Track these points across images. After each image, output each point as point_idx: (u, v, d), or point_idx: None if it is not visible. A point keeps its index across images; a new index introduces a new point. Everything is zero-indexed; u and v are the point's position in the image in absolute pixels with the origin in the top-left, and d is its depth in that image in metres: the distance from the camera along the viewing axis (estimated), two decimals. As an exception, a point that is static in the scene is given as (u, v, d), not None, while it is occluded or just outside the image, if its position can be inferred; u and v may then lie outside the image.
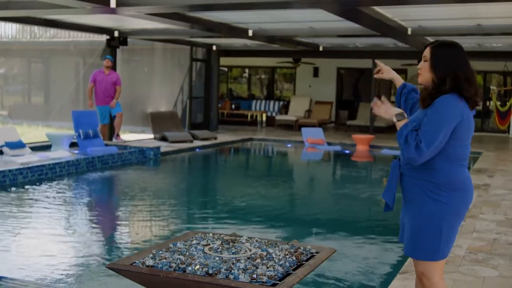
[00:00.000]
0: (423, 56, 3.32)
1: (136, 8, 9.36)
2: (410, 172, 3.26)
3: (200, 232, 3.90)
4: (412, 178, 3.26)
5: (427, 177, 3.20)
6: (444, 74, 3.19)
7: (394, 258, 6.08)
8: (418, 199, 3.24)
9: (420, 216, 3.23)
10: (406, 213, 3.34)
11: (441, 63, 3.23)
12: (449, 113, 3.11)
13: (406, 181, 3.30)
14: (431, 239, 3.21)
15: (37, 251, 5.99)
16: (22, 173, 9.42)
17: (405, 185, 3.32)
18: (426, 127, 3.11)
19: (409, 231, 3.29)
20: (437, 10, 9.81)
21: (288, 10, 10.28)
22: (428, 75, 3.27)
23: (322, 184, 11.78)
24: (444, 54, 3.24)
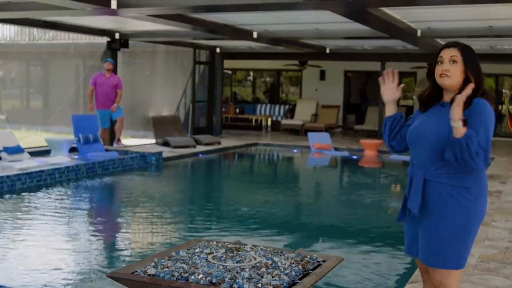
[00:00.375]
0: (450, 57, 3.24)
1: (138, 9, 9.39)
2: (439, 178, 3.21)
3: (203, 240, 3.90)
4: (440, 184, 3.21)
5: (458, 182, 3.17)
6: (477, 73, 3.22)
7: (403, 267, 6.07)
8: (444, 205, 3.19)
9: (448, 222, 3.18)
10: (426, 221, 3.26)
11: (475, 64, 3.24)
12: (492, 115, 3.14)
13: (432, 188, 3.24)
14: (457, 246, 3.19)
15: (36, 259, 6.00)
16: (20, 179, 9.44)
17: (430, 191, 3.24)
18: (480, 134, 3.04)
19: (432, 240, 3.23)
20: (447, 11, 9.80)
21: (294, 11, 10.29)
22: (459, 77, 3.22)
23: (329, 190, 11.77)
24: (474, 57, 3.26)
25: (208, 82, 19.47)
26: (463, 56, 3.23)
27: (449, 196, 3.18)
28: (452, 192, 3.18)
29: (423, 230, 3.28)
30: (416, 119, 3.43)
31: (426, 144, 3.24)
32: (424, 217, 3.28)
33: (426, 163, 3.26)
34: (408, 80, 23.25)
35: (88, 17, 11.72)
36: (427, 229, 3.26)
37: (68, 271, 5.66)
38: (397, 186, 11.97)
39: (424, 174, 3.26)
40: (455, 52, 3.24)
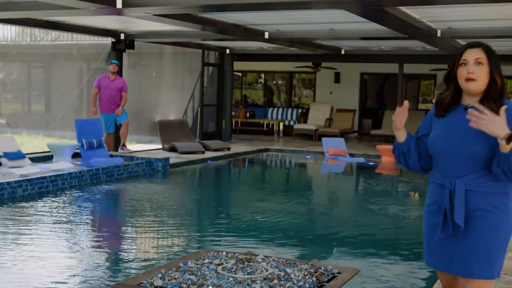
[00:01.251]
0: (475, 59, 3.19)
1: (144, 8, 9.42)
2: (480, 187, 3.18)
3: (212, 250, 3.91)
4: (482, 193, 3.18)
5: (500, 189, 3.16)
6: (501, 75, 3.20)
7: (422, 280, 6.05)
8: (488, 214, 3.17)
9: (493, 232, 3.17)
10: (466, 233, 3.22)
11: (498, 65, 3.22)
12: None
13: (473, 197, 3.20)
14: (498, 255, 3.18)
15: (37, 270, 6.02)
16: (21, 185, 9.48)
17: (472, 201, 3.20)
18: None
19: (475, 250, 3.20)
20: (469, 10, 9.78)
21: (307, 10, 10.30)
22: (485, 80, 3.19)
23: (344, 198, 11.75)
24: (495, 55, 3.22)
25: (217, 84, 19.49)
26: (488, 57, 3.19)
27: (490, 204, 3.17)
28: (493, 200, 3.17)
29: (467, 242, 3.23)
30: (435, 126, 3.38)
31: (460, 154, 3.20)
32: (467, 228, 3.22)
33: (464, 173, 3.20)
34: (427, 82, 23.20)
35: (92, 17, 11.77)
36: (473, 241, 3.21)
37: (71, 282, 5.68)
38: (415, 194, 11.94)
39: (465, 185, 3.20)
40: (480, 53, 3.20)
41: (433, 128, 3.38)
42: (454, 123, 3.27)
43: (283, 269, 3.48)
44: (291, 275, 3.40)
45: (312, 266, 3.62)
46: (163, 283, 3.26)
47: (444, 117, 3.34)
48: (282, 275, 3.39)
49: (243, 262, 3.59)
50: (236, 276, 3.35)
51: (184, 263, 3.59)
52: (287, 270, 3.48)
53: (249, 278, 3.32)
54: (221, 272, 3.42)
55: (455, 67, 3.26)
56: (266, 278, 3.33)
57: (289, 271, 3.47)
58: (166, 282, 3.28)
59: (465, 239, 3.23)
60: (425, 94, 23.66)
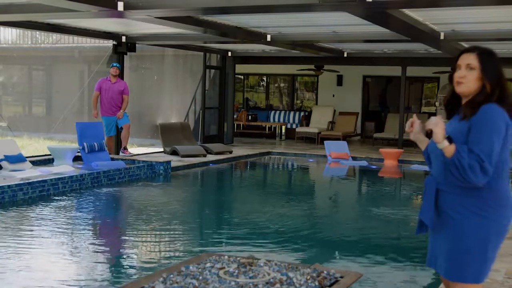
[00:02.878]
0: (466, 64, 3.29)
1: (146, 11, 9.44)
2: (453, 189, 3.25)
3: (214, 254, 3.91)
4: (454, 195, 3.25)
5: (474, 192, 3.20)
6: (496, 82, 3.24)
7: (426, 283, 6.05)
8: (461, 217, 3.23)
9: (464, 234, 3.22)
10: (443, 233, 3.31)
11: (493, 72, 3.26)
12: (499, 122, 3.15)
13: (447, 199, 3.29)
14: (477, 260, 3.22)
15: (38, 274, 6.02)
16: (22, 189, 9.49)
17: (445, 203, 3.29)
18: (482, 143, 3.11)
19: (450, 252, 3.28)
20: (472, 13, 9.78)
21: (309, 13, 10.31)
22: (475, 84, 3.27)
23: (347, 202, 11.75)
24: (493, 62, 3.29)
25: (219, 87, 19.51)
26: (481, 62, 3.27)
27: (465, 208, 3.23)
28: (468, 203, 3.22)
29: (442, 242, 3.33)
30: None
31: (438, 154, 3.27)
32: (442, 228, 3.32)
33: (439, 173, 3.32)
34: (430, 85, 23.21)
35: (94, 19, 11.79)
36: (445, 241, 3.31)
37: (72, 286, 5.68)
38: (418, 198, 11.93)
39: (437, 184, 3.31)
40: (472, 59, 3.29)
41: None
42: (450, 125, 3.37)
43: (285, 273, 3.48)
44: (293, 279, 3.40)
45: (314, 270, 3.62)
46: (164, 287, 3.26)
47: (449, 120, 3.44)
48: (284, 279, 3.39)
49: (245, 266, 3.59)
50: (238, 280, 3.35)
51: (186, 267, 3.59)
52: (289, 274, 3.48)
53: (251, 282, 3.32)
54: (223, 276, 3.42)
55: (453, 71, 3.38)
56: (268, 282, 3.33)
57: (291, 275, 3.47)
58: (168, 286, 3.28)
59: (444, 240, 3.32)
60: (428, 97, 23.66)
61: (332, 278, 3.55)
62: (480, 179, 3.09)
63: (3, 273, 6.00)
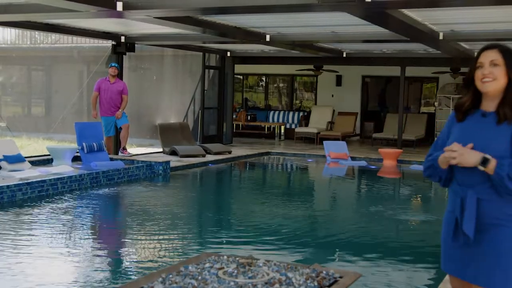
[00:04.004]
0: (490, 61, 3.18)
1: (145, 11, 9.44)
2: (493, 196, 3.14)
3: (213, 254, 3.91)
4: (495, 202, 3.15)
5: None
6: None
7: (425, 285, 6.05)
8: (504, 223, 3.14)
9: (502, 241, 3.14)
10: (483, 241, 3.20)
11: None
12: None
13: (487, 207, 3.16)
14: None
15: (37, 274, 6.02)
16: (21, 189, 9.48)
17: (486, 211, 3.17)
18: None
19: (491, 259, 3.17)
20: (471, 13, 9.79)
21: (308, 13, 10.31)
22: (502, 80, 3.17)
23: (346, 202, 11.74)
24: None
25: (218, 87, 19.50)
26: (505, 58, 3.18)
27: (505, 214, 3.14)
28: (508, 209, 3.14)
29: (483, 251, 3.21)
30: (453, 131, 3.36)
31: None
32: (482, 237, 3.20)
33: (478, 181, 3.17)
34: (429, 85, 23.22)
35: (93, 19, 11.79)
36: (489, 250, 3.19)
37: (72, 286, 5.67)
38: (418, 198, 11.93)
39: (477, 193, 3.18)
40: (495, 55, 3.20)
41: (451, 133, 3.36)
42: (470, 129, 3.26)
43: (285, 273, 3.48)
44: (293, 280, 3.40)
45: (313, 270, 3.62)
46: (163, 287, 3.26)
47: (462, 122, 3.32)
48: (284, 279, 3.39)
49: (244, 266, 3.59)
50: (237, 281, 3.35)
51: (185, 267, 3.59)
52: (288, 274, 3.47)
53: (250, 283, 3.32)
54: (222, 276, 3.42)
55: (473, 71, 3.26)
56: (267, 283, 3.33)
57: (291, 275, 3.47)
58: (167, 286, 3.27)
59: (480, 247, 3.20)
60: (427, 97, 23.67)
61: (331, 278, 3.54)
62: None
63: (1, 273, 6.00)
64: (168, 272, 3.54)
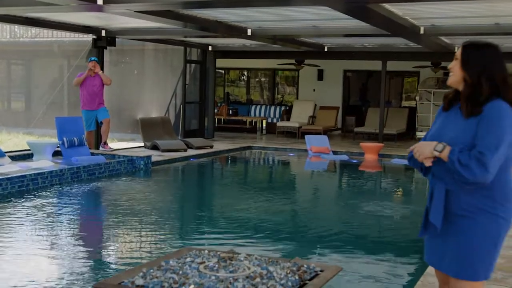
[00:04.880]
0: (455, 55, 3.33)
1: (125, 5, 9.40)
2: (460, 188, 3.20)
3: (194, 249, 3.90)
4: (463, 194, 3.21)
5: (482, 191, 3.17)
6: (477, 74, 3.20)
7: (405, 277, 6.08)
8: (472, 215, 3.20)
9: (474, 233, 3.19)
10: (451, 233, 3.27)
11: (473, 62, 3.23)
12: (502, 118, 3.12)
13: (455, 198, 3.23)
14: (486, 257, 3.20)
15: (16, 270, 5.98)
16: (1, 184, 9.42)
17: (454, 202, 3.24)
18: (486, 138, 3.08)
19: (460, 251, 3.24)
20: (452, 7, 9.83)
21: (290, 7, 10.31)
22: (459, 75, 3.26)
23: (327, 196, 11.78)
24: (477, 53, 3.25)
25: (200, 82, 19.46)
26: (463, 53, 3.27)
27: (475, 206, 3.19)
28: (475, 201, 3.19)
29: (451, 242, 3.28)
30: (437, 120, 3.45)
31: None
32: (451, 229, 3.27)
33: (446, 173, 3.24)
34: (410, 80, 23.31)
35: (73, 13, 11.72)
36: (455, 241, 3.26)
37: (51, 282, 5.65)
38: (398, 192, 11.99)
39: (446, 185, 3.25)
40: (458, 50, 3.32)
41: (435, 122, 3.46)
42: (447, 120, 3.35)
43: (266, 267, 3.48)
44: (274, 274, 3.40)
45: (294, 264, 3.62)
46: (144, 282, 3.25)
47: (447, 112, 3.40)
48: (265, 273, 3.39)
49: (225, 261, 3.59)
50: (218, 275, 3.35)
51: (166, 262, 3.58)
52: (269, 268, 3.48)
53: (231, 277, 3.32)
54: (203, 270, 3.42)
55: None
56: (248, 277, 3.33)
57: (272, 269, 3.47)
58: (148, 281, 3.26)
59: (451, 238, 3.27)
60: (408, 91, 23.76)
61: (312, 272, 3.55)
62: (479, 175, 3.05)
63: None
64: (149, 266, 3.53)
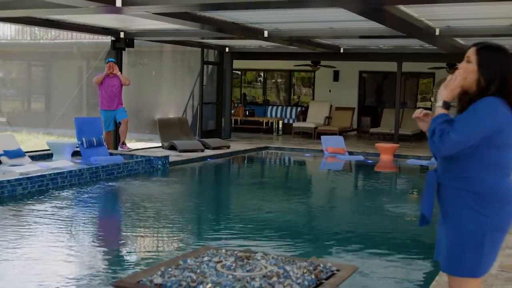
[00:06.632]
0: (466, 57, 3.33)
1: (143, 7, 9.42)
2: (450, 182, 3.27)
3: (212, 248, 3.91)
4: (451, 189, 3.27)
5: (469, 187, 3.21)
6: (492, 77, 3.22)
7: (421, 277, 6.06)
8: (458, 211, 3.24)
9: (460, 229, 3.23)
10: (444, 227, 3.33)
11: (489, 66, 3.25)
12: (487, 112, 3.15)
13: (445, 192, 3.30)
14: (472, 255, 3.22)
15: (37, 268, 6.01)
16: (21, 184, 9.48)
17: (444, 196, 3.31)
18: (460, 122, 3.16)
19: (448, 246, 3.29)
20: (467, 9, 9.78)
21: (306, 9, 10.30)
22: (473, 77, 3.27)
23: (343, 196, 11.76)
24: (492, 57, 3.27)
25: (217, 83, 19.48)
26: (479, 56, 3.28)
27: (462, 202, 3.23)
28: (465, 197, 3.22)
29: (444, 236, 3.34)
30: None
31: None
32: (443, 222, 3.34)
33: (442, 169, 3.33)
34: (426, 81, 23.22)
35: (92, 15, 11.77)
36: (446, 235, 3.32)
37: (71, 280, 5.68)
38: (414, 192, 11.94)
39: (438, 179, 3.32)
40: (471, 53, 3.32)
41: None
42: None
43: (282, 266, 3.48)
44: (290, 273, 3.40)
45: (311, 263, 3.62)
46: (162, 281, 3.26)
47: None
48: (281, 272, 3.39)
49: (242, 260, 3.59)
50: (235, 274, 3.35)
51: (184, 261, 3.59)
52: (286, 267, 3.48)
53: (248, 276, 3.32)
54: (220, 269, 3.42)
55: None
56: (265, 276, 3.33)
57: (288, 268, 3.47)
58: (166, 279, 3.27)
59: (444, 234, 3.34)
60: (424, 92, 23.66)
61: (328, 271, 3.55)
62: (436, 145, 3.16)
63: (2, 266, 6.00)
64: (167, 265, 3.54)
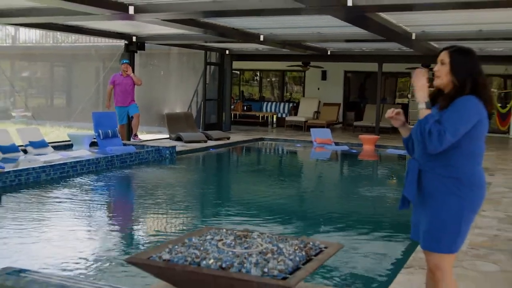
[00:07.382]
0: (439, 60, 3.32)
1: (153, 14, 9.39)
2: (432, 169, 3.27)
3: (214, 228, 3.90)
4: (433, 174, 3.27)
5: (449, 173, 3.23)
6: (464, 78, 3.23)
7: (399, 254, 6.06)
8: (439, 194, 3.25)
9: (441, 210, 3.24)
10: (424, 209, 3.33)
11: (462, 68, 3.26)
12: (470, 110, 3.17)
13: (427, 177, 3.30)
14: (451, 233, 3.24)
15: (59, 246, 6.02)
16: (45, 171, 9.46)
17: (426, 181, 3.31)
18: (449, 120, 3.14)
19: (428, 226, 3.30)
20: (440, 16, 9.76)
21: (297, 16, 10.27)
22: (447, 78, 3.29)
23: (330, 182, 11.76)
24: (463, 59, 3.29)
25: (218, 81, 19.44)
26: (452, 59, 3.28)
27: (444, 187, 3.24)
28: (446, 182, 3.24)
29: (423, 217, 3.35)
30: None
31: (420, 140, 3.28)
32: (423, 205, 3.34)
33: (420, 155, 3.33)
34: (403, 80, 23.18)
35: (108, 21, 11.73)
36: (426, 216, 3.32)
37: (90, 256, 5.67)
38: (393, 178, 11.94)
39: (419, 165, 3.33)
40: (444, 55, 3.32)
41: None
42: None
43: (276, 244, 3.48)
44: (283, 250, 3.39)
45: (301, 241, 3.61)
46: (170, 257, 3.25)
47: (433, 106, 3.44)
48: (275, 249, 3.38)
49: (240, 238, 3.58)
50: (234, 251, 3.34)
51: (189, 239, 3.58)
52: (279, 245, 3.47)
53: (246, 252, 3.31)
54: (221, 247, 3.41)
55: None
56: (261, 252, 3.33)
57: (282, 246, 3.46)
58: (173, 255, 3.26)
59: (424, 215, 3.33)
60: (401, 90, 23.65)
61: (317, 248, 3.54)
62: (433, 145, 3.14)
63: (27, 244, 6.00)
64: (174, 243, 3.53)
